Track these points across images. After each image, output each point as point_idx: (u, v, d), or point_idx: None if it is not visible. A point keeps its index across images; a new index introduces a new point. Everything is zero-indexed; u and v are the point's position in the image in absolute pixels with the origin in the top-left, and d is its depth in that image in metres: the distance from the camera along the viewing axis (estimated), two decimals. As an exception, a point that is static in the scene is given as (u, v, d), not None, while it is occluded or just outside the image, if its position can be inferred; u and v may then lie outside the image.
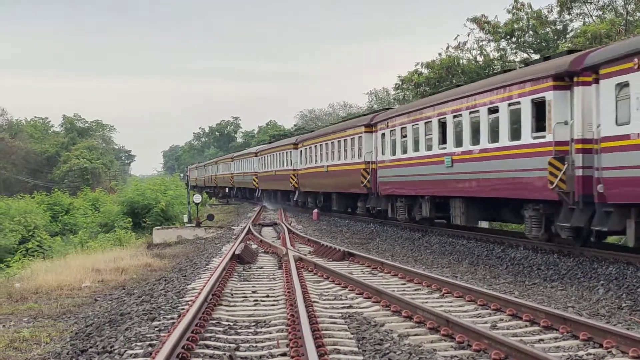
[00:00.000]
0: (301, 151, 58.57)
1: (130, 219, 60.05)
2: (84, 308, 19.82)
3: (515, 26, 57.15)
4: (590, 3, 55.02)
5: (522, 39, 58.38)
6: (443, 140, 31.05)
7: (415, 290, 17.69)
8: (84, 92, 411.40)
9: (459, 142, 29.28)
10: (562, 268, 22.27)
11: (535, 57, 57.19)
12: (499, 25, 57.97)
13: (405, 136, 35.62)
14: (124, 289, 23.26)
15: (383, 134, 38.86)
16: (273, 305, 15.63)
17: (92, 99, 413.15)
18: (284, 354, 11.09)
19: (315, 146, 53.95)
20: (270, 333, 12.73)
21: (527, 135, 24.05)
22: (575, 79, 21.83)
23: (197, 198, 51.97)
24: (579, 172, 21.36)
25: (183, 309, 15.02)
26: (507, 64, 60.12)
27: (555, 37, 57.05)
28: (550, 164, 21.98)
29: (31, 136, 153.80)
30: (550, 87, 22.55)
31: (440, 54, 61.33)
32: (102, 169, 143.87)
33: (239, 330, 13.04)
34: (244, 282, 19.67)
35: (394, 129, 37.14)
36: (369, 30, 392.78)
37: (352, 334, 12.58)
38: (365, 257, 24.27)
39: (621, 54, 19.15)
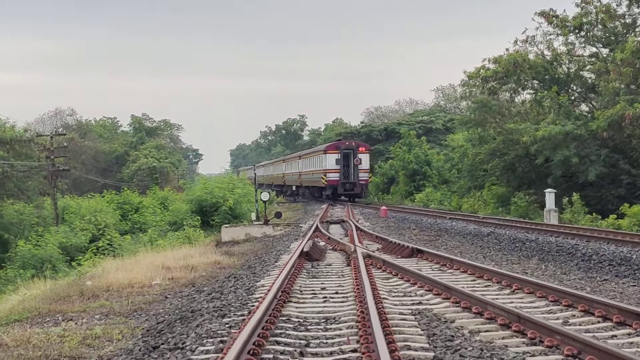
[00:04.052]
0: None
1: (198, 217, 60.42)
2: (154, 305, 19.95)
3: (584, 20, 56.43)
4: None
5: (591, 33, 57.63)
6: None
7: (485, 286, 17.56)
8: (151, 92, 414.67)
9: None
10: (634, 263, 21.99)
11: (605, 51, 56.79)
12: (567, 19, 57.33)
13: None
14: (194, 286, 23.36)
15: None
16: (342, 302, 15.61)
17: (159, 99, 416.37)
18: (354, 350, 11.05)
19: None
20: (340, 330, 12.70)
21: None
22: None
23: (265, 196, 52.01)
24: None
25: (253, 305, 15.06)
26: (575, 58, 59.57)
27: (625, 31, 56.25)
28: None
29: (100, 136, 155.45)
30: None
31: (507, 49, 60.90)
32: (170, 168, 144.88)
33: (309, 327, 13.03)
34: (313, 279, 19.66)
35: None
36: (437, 26, 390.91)
37: (422, 330, 12.51)
38: (434, 253, 24.13)
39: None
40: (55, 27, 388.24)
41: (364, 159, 75.69)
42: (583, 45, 59.19)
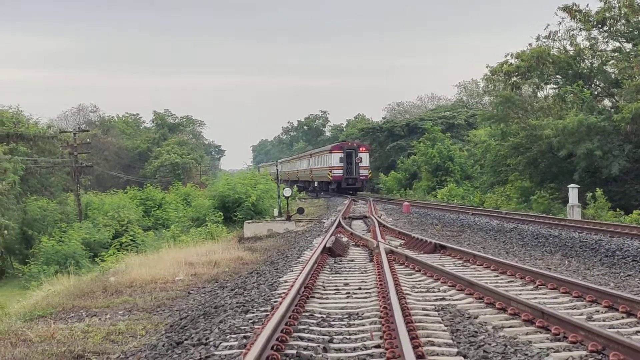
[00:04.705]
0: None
1: (221, 213, 60.55)
2: (177, 301, 20.02)
3: (607, 14, 56.11)
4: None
5: (614, 28, 57.30)
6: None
7: (509, 282, 17.51)
8: (174, 88, 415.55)
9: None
10: (658, 259, 21.90)
11: (628, 46, 56.46)
12: (590, 14, 57.06)
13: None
14: (217, 282, 23.43)
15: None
16: (365, 297, 15.59)
17: (182, 95, 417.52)
18: (377, 346, 11.03)
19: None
20: (364, 325, 12.69)
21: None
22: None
23: (287, 192, 52.05)
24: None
25: (276, 301, 15.07)
26: (598, 53, 59.26)
27: (648, 26, 55.97)
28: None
29: (123, 132, 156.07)
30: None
31: (530, 44, 60.66)
32: (192, 164, 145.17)
33: (332, 323, 13.02)
34: (336, 274, 19.65)
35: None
36: (458, 21, 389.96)
37: (445, 326, 12.48)
38: (457, 249, 24.08)
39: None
40: (80, 24, 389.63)
41: (364, 158, 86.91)
42: (606, 40, 58.86)
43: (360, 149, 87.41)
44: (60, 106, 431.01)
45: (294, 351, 10.70)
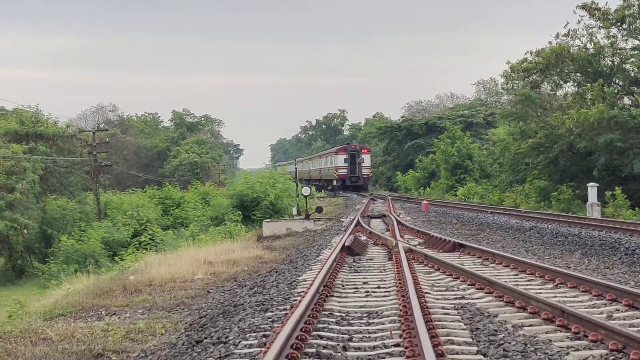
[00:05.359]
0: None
1: (240, 212, 60.62)
2: (197, 300, 20.04)
3: (626, 12, 55.90)
4: None
5: (634, 26, 57.06)
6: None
7: (528, 280, 17.46)
8: (193, 87, 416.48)
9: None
10: (678, 258, 21.81)
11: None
12: (609, 12, 56.82)
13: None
14: (236, 280, 23.44)
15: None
16: (384, 296, 15.58)
17: (200, 95, 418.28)
18: (397, 345, 11.03)
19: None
20: (383, 324, 12.68)
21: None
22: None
23: (306, 191, 52.11)
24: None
25: (295, 300, 15.08)
26: (617, 51, 59.02)
27: (668, 23, 55.72)
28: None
29: (142, 131, 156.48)
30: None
31: (549, 43, 60.47)
32: (211, 163, 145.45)
33: (352, 321, 13.02)
34: (355, 273, 19.64)
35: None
36: (477, 20, 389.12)
37: (465, 324, 12.46)
38: (476, 248, 24.03)
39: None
40: (98, 24, 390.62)
41: (366, 159, 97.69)
42: (625, 38, 58.61)
43: (363, 150, 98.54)
44: (79, 106, 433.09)
45: (314, 350, 10.69)
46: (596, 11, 57.23)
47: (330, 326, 12.44)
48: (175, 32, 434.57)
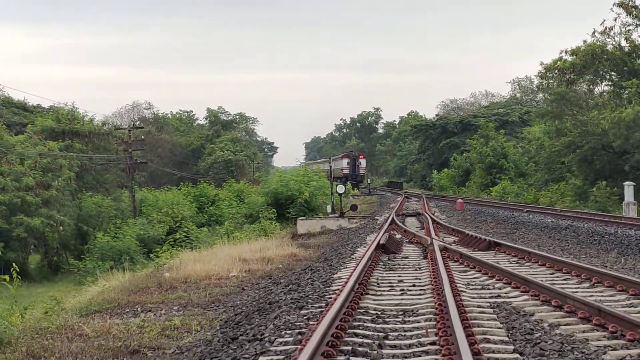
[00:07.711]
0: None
1: (274, 210, 60.59)
2: (232, 297, 20.04)
3: (663, 11, 55.55)
4: None
5: (670, 24, 56.68)
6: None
7: (564, 279, 17.38)
8: (227, 85, 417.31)
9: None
10: None
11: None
12: (646, 10, 56.45)
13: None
14: (271, 278, 23.43)
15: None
16: (420, 294, 15.55)
17: (235, 93, 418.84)
18: (433, 343, 11.00)
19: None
20: (419, 322, 12.65)
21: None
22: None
23: (341, 189, 52.06)
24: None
25: (330, 297, 15.08)
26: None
27: None
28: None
29: (176, 129, 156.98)
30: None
31: (585, 41, 60.11)
32: (245, 160, 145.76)
33: (387, 319, 13.01)
34: (390, 271, 19.63)
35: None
36: (513, 17, 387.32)
37: (501, 323, 12.41)
38: (511, 246, 23.94)
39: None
40: (135, 22, 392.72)
41: (362, 162, 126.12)
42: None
43: (360, 156, 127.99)
44: (114, 103, 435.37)
45: (349, 347, 10.68)
46: (633, 9, 56.87)
47: (365, 324, 12.43)
48: (209, 29, 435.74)
